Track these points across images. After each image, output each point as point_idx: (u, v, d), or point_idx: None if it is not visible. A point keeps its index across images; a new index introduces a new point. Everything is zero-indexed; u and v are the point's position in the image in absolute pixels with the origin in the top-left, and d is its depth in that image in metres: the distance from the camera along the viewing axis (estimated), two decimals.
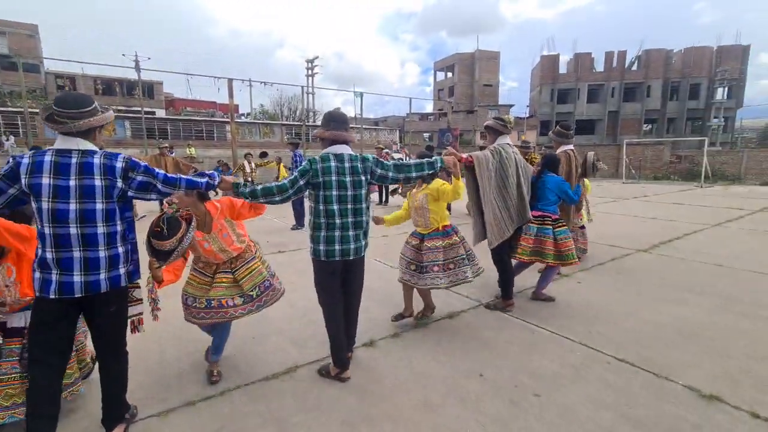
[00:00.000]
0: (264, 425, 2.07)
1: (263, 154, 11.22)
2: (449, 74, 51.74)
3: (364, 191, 2.41)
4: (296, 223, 7.65)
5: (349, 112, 57.49)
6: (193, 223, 2.10)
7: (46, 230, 1.69)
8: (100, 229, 1.75)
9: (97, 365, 2.01)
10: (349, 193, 2.33)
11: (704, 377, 2.46)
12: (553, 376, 2.50)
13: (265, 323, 3.20)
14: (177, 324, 2.83)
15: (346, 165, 2.33)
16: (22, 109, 17.10)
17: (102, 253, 1.75)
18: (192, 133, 22.79)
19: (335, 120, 2.40)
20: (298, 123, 28.92)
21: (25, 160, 1.69)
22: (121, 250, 1.82)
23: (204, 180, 2.09)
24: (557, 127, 4.78)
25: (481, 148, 9.56)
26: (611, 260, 5.09)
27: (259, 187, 2.30)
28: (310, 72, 40.81)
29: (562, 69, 42.78)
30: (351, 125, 2.65)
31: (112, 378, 1.93)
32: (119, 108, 30.36)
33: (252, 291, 2.41)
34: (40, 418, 1.71)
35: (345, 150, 2.37)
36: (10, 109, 19.20)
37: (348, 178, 2.32)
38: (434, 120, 46.25)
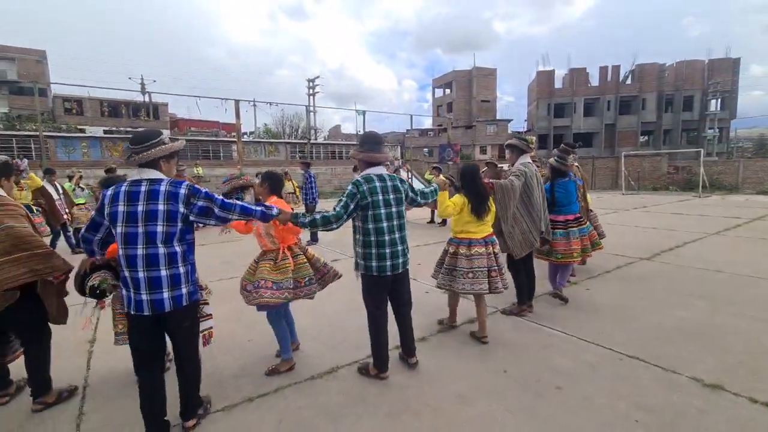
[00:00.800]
0: (318, 417, 2.33)
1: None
2: (447, 91, 52.82)
3: (404, 207, 2.69)
4: (311, 239, 7.95)
5: (349, 129, 58.48)
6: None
7: (121, 251, 1.94)
8: (162, 251, 1.93)
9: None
10: (394, 209, 2.58)
11: (706, 370, 2.73)
12: (571, 372, 2.77)
13: (299, 332, 3.48)
14: (220, 333, 3.10)
15: (388, 184, 2.58)
16: (36, 133, 17.62)
17: (164, 273, 1.94)
18: (199, 153, 23.30)
19: (371, 141, 2.64)
20: (303, 141, 29.48)
21: (108, 192, 1.98)
22: (181, 270, 2.00)
23: (259, 209, 2.27)
24: (563, 144, 5.11)
25: (488, 163, 9.82)
26: (616, 268, 5.38)
27: (318, 216, 2.52)
28: (311, 91, 41.76)
29: (558, 84, 43.76)
30: (352, 142, 3.06)
31: (186, 379, 2.18)
32: (126, 129, 31.06)
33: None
34: (151, 417, 2.05)
35: (382, 170, 2.64)
36: (24, 133, 19.68)
37: (391, 196, 2.57)
38: (434, 135, 46.99)
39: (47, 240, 6.73)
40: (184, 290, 2.00)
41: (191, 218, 2.02)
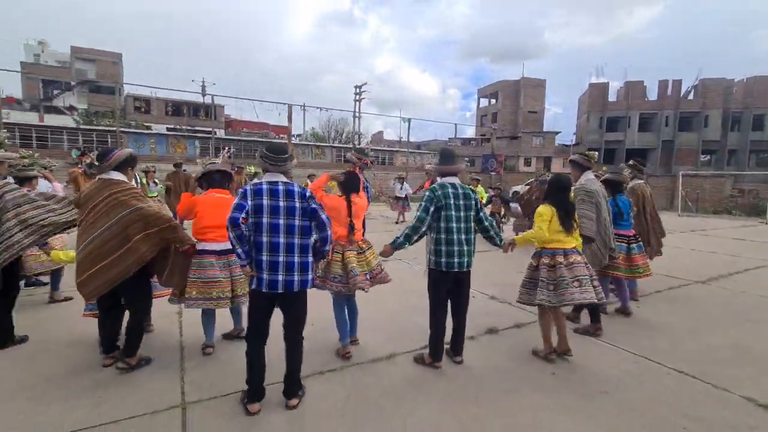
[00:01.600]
0: (383, 395, 2.63)
1: (311, 176, 12.29)
2: (493, 101, 52.21)
3: (472, 213, 2.99)
4: None
5: (391, 135, 59.29)
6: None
7: (264, 239, 2.30)
8: (296, 240, 2.36)
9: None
10: (462, 213, 2.90)
11: (761, 391, 2.75)
12: (617, 380, 2.89)
13: (361, 324, 3.80)
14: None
15: (459, 191, 2.94)
16: (113, 128, 19.54)
17: (297, 259, 2.35)
18: (251, 153, 24.65)
19: (445, 156, 3.07)
20: (348, 146, 30.33)
21: (248, 188, 2.35)
22: (309, 259, 2.42)
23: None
24: (632, 161, 5.08)
25: (537, 175, 9.88)
26: (668, 289, 5.30)
27: (408, 230, 2.87)
28: (357, 97, 42.85)
29: (612, 97, 42.04)
30: (395, 149, 3.42)
31: (292, 358, 2.47)
32: (186, 128, 33.47)
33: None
34: (255, 380, 2.38)
35: (455, 180, 2.99)
36: (102, 128, 21.84)
37: (461, 202, 2.91)
38: (477, 145, 46.59)
39: None
40: (309, 276, 2.42)
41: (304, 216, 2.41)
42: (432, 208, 2.86)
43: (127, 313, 2.89)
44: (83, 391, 2.53)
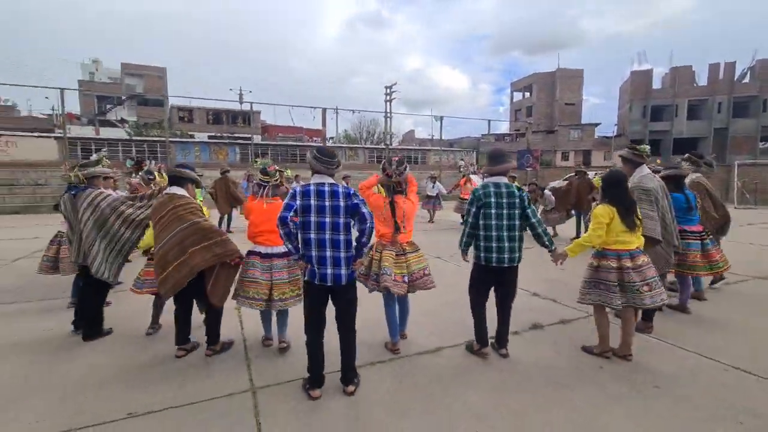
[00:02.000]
0: (431, 384, 2.77)
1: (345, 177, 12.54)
2: (527, 94, 50.81)
3: (517, 211, 3.00)
4: None
5: (421, 134, 58.99)
6: None
7: (312, 236, 2.50)
8: (342, 237, 2.54)
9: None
10: (504, 211, 2.98)
11: None
12: (670, 375, 2.87)
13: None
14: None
15: (503, 190, 3.01)
16: (162, 138, 20.88)
17: (342, 254, 2.53)
18: (288, 156, 25.47)
19: (495, 156, 3.15)
20: (380, 147, 30.63)
21: (297, 189, 2.54)
22: (353, 254, 2.60)
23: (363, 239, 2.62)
24: (688, 154, 4.88)
25: (578, 171, 9.59)
26: (726, 284, 5.07)
27: (464, 236, 3.09)
28: (388, 97, 43.07)
29: (656, 84, 39.81)
30: (428, 148, 3.49)
31: (347, 346, 2.65)
32: (226, 135, 35.06)
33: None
34: (316, 367, 2.59)
35: (502, 179, 3.07)
36: (153, 138, 23.40)
37: (504, 200, 2.99)
38: (511, 141, 45.52)
39: None
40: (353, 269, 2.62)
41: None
42: (474, 209, 3.03)
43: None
44: (165, 376, 2.84)
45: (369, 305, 3.52)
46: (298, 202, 2.49)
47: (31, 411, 2.43)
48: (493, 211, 2.97)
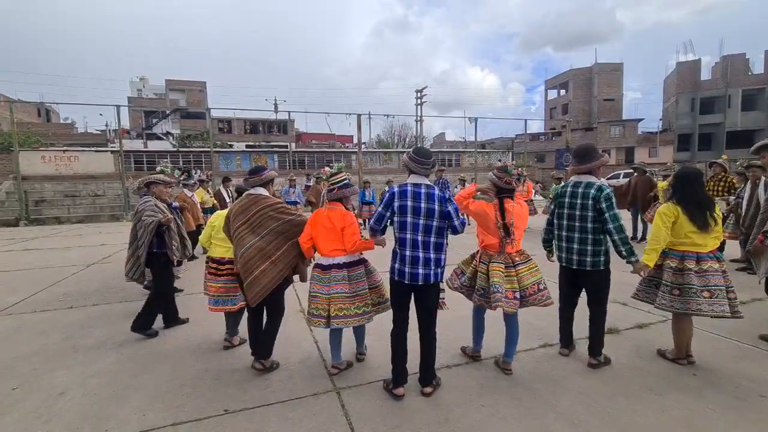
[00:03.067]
0: (514, 387, 2.72)
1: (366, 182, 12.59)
2: (563, 91, 49.26)
3: (589, 214, 2.83)
4: None
5: (450, 136, 58.54)
6: None
7: (408, 236, 2.53)
8: (433, 239, 2.55)
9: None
10: (577, 212, 2.89)
11: None
12: None
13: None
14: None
15: (579, 190, 2.90)
16: (207, 149, 21.90)
17: (433, 256, 2.55)
18: (324, 163, 25.96)
19: (579, 153, 2.97)
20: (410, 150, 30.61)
21: (395, 190, 2.56)
22: (443, 256, 2.61)
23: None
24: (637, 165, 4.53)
25: (635, 168, 9.16)
26: None
27: (544, 234, 3.25)
28: (419, 101, 43.11)
29: (705, 75, 37.54)
30: (461, 150, 3.34)
31: (427, 348, 2.63)
32: (263, 143, 36.26)
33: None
34: (399, 361, 2.61)
35: (588, 179, 2.90)
36: (198, 149, 24.60)
37: (578, 201, 2.89)
38: (546, 140, 44.23)
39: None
40: (440, 270, 2.61)
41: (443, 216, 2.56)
42: (552, 207, 3.14)
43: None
44: (251, 376, 2.95)
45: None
46: (396, 204, 2.55)
47: (135, 405, 2.59)
48: (565, 210, 2.96)
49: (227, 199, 8.71)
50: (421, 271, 2.53)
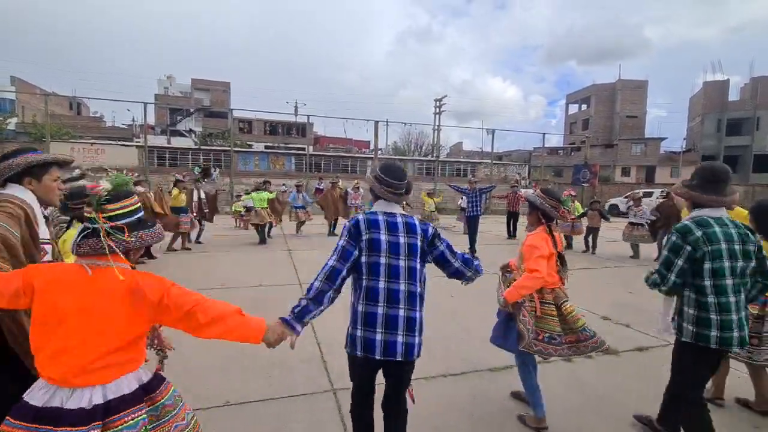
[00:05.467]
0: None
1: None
2: (584, 106, 48.74)
3: (752, 264, 2.02)
4: (471, 247, 8.66)
5: (468, 146, 58.45)
6: None
7: (381, 284, 1.72)
8: (418, 289, 1.78)
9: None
10: (740, 264, 1.96)
11: None
12: None
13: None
14: None
15: (732, 231, 1.97)
16: (227, 148, 22.47)
17: (418, 315, 1.77)
18: (339, 167, 26.31)
19: (712, 176, 2.02)
20: (429, 158, 30.76)
21: (361, 219, 1.79)
22: (422, 316, 1.82)
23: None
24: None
25: (667, 194, 9.01)
26: None
27: (655, 279, 2.12)
28: (437, 110, 43.29)
29: (733, 96, 36.66)
30: (477, 161, 2.55)
31: (399, 428, 1.91)
32: (280, 145, 36.93)
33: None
34: None
35: (723, 213, 2.03)
36: (218, 148, 25.26)
37: (738, 247, 1.96)
38: (565, 155, 43.76)
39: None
40: (419, 339, 1.80)
41: (427, 259, 1.89)
42: (680, 262, 1.98)
43: None
44: (258, 370, 3.09)
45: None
46: (364, 238, 1.75)
47: None
48: (726, 263, 1.94)
49: (194, 199, 8.44)
50: (400, 339, 1.72)
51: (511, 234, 11.35)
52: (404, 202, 11.51)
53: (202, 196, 8.75)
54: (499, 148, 52.52)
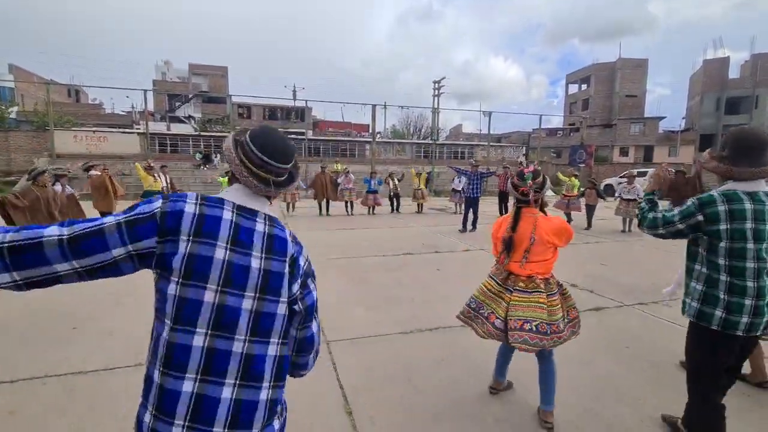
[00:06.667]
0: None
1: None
2: (584, 86, 48.44)
3: None
4: (462, 227, 9.22)
5: (468, 128, 58.20)
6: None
7: (197, 342, 0.94)
8: (274, 351, 1.03)
9: None
10: (766, 245, 1.74)
11: None
12: None
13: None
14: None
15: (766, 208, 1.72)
16: (226, 134, 22.80)
17: (264, 396, 1.00)
18: (338, 151, 26.63)
19: (750, 147, 1.72)
20: (427, 141, 30.96)
21: (189, 209, 0.96)
22: (281, 395, 1.09)
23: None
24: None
25: (677, 171, 10.30)
26: None
27: (651, 221, 1.93)
28: (436, 92, 43.07)
29: (734, 73, 36.43)
30: (474, 143, 2.35)
31: None
32: (280, 130, 36.92)
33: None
34: None
35: (761, 186, 1.76)
36: (217, 134, 25.54)
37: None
38: (564, 135, 43.80)
39: None
40: (277, 426, 1.06)
41: (295, 307, 1.08)
42: (682, 226, 1.82)
43: None
44: None
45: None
46: (182, 249, 0.94)
47: None
48: (750, 245, 1.72)
49: (163, 183, 8.78)
50: None
51: (503, 213, 11.87)
52: (380, 178, 13.25)
53: (169, 181, 9.02)
54: (499, 130, 52.55)
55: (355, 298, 4.43)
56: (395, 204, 13.17)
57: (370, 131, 25.26)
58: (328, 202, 12.25)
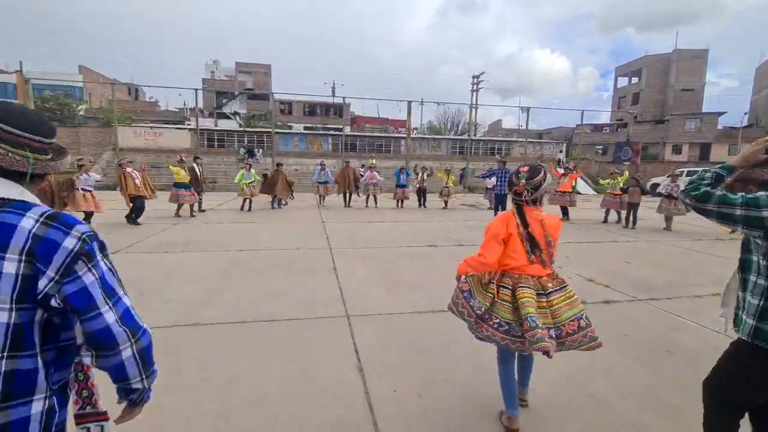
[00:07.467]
0: None
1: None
2: (634, 79, 45.79)
3: None
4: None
5: (509, 123, 56.56)
6: None
7: None
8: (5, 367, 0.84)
9: None
10: None
11: None
12: None
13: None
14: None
15: None
16: (268, 130, 23.95)
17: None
18: (374, 147, 27.14)
19: None
20: (463, 137, 30.76)
21: None
22: (33, 410, 0.88)
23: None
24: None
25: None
26: None
27: (704, 185, 1.59)
28: (474, 87, 42.41)
29: None
30: (513, 139, 2.52)
31: None
32: (319, 126, 38.15)
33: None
34: None
35: None
36: (260, 130, 26.91)
37: None
38: (611, 132, 41.74)
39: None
40: None
41: (52, 303, 0.89)
42: (741, 211, 1.49)
43: None
44: (288, 300, 4.11)
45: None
46: None
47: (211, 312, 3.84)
48: None
49: (199, 175, 10.76)
50: None
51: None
52: (413, 172, 15.33)
53: (203, 171, 11.09)
54: (544, 125, 50.81)
55: (375, 283, 4.84)
56: (422, 199, 13.48)
57: (406, 127, 25.52)
58: (350, 195, 13.22)
